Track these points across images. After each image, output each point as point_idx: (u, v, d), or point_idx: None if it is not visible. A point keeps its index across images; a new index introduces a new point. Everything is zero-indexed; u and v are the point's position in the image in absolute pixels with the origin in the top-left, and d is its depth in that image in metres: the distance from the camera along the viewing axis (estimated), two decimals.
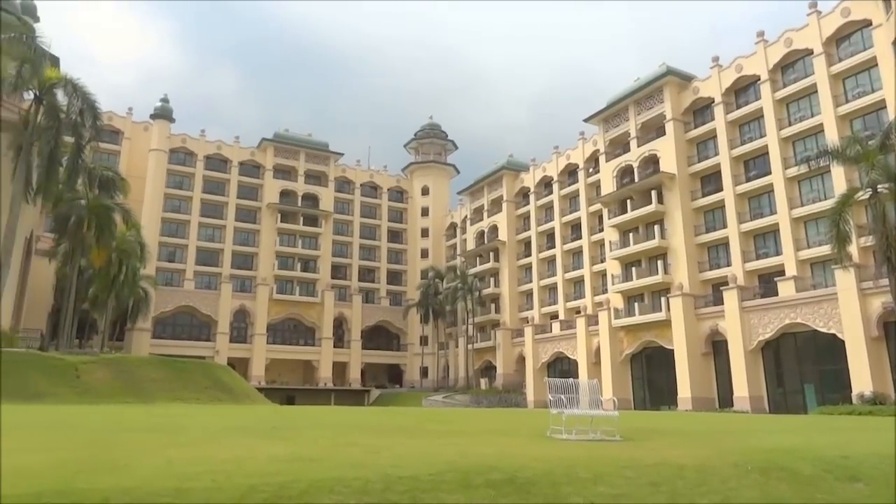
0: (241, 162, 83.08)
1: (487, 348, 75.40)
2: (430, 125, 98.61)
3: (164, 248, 74.66)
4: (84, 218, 37.17)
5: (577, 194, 69.07)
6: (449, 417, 19.58)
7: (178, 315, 74.25)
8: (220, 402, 24.85)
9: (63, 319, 38.75)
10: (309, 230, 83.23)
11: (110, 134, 70.58)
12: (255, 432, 11.74)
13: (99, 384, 22.29)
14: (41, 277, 45.25)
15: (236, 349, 74.89)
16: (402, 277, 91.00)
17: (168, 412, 17.54)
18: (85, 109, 31.66)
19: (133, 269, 46.94)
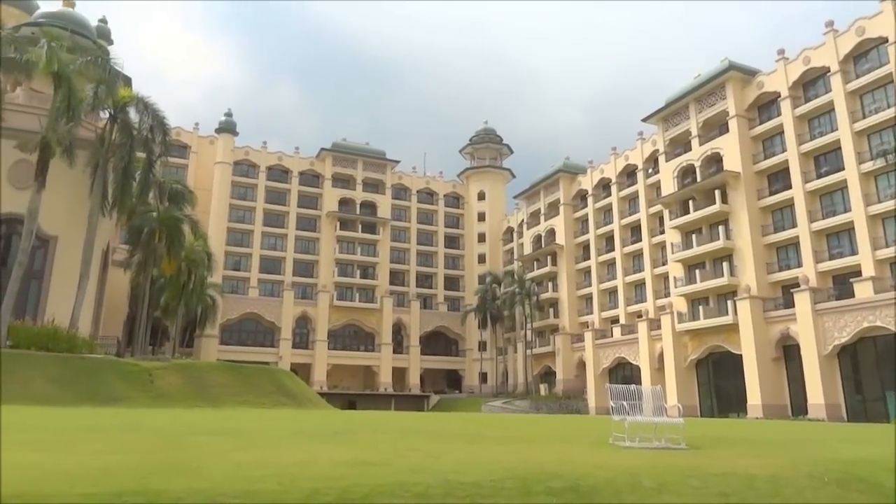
0: (301, 172, 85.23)
1: (546, 353, 74.57)
2: (485, 130, 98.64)
3: (229, 257, 77.28)
4: (155, 229, 38.93)
5: (636, 196, 67.62)
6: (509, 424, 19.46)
7: (244, 322, 76.64)
8: (284, 406, 25.48)
9: (137, 327, 40.69)
10: (367, 237, 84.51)
11: (179, 148, 73.71)
12: (317, 437, 11.98)
13: (171, 389, 23.25)
14: (117, 287, 47.60)
15: (299, 355, 76.68)
16: (459, 283, 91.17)
17: (235, 416, 18.11)
18: (155, 126, 33.21)
19: (201, 278, 48.77)
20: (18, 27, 35.43)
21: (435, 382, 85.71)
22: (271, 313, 77.12)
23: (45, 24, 38.06)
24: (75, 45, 32.71)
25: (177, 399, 22.67)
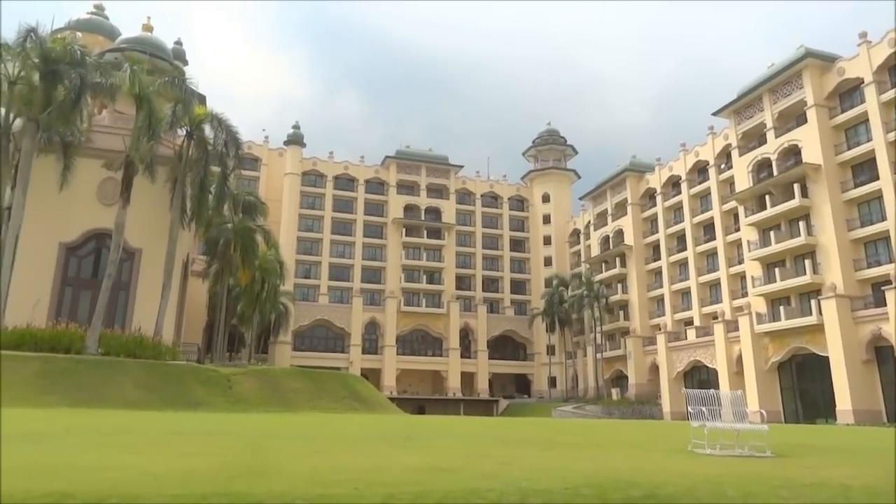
0: (366, 180, 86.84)
1: (617, 357, 72.90)
2: (549, 131, 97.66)
3: (300, 265, 79.50)
4: (231, 240, 40.52)
5: (708, 193, 65.26)
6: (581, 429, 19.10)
7: (315, 328, 78.61)
8: (356, 411, 25.92)
9: (216, 334, 42.43)
10: (433, 243, 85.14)
11: (250, 161, 76.59)
12: (390, 441, 12.10)
13: (248, 394, 24.08)
14: (196, 296, 49.79)
15: (368, 360, 77.97)
16: (525, 286, 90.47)
17: (309, 421, 18.55)
18: (228, 141, 34.60)
19: (274, 286, 50.36)
20: (103, 53, 37.69)
21: (503, 387, 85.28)
22: (341, 319, 78.79)
23: (127, 49, 40.40)
24: (154, 68, 34.59)
25: (254, 404, 23.44)
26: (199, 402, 22.21)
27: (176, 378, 23.69)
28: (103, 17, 61.70)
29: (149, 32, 44.89)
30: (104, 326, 28.16)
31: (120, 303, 32.93)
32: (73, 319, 29.64)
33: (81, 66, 29.04)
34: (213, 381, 24.32)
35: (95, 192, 33.56)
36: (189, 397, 22.33)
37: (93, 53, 32.64)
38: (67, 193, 31.24)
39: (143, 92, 30.00)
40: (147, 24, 45.47)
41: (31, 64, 28.37)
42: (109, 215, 31.11)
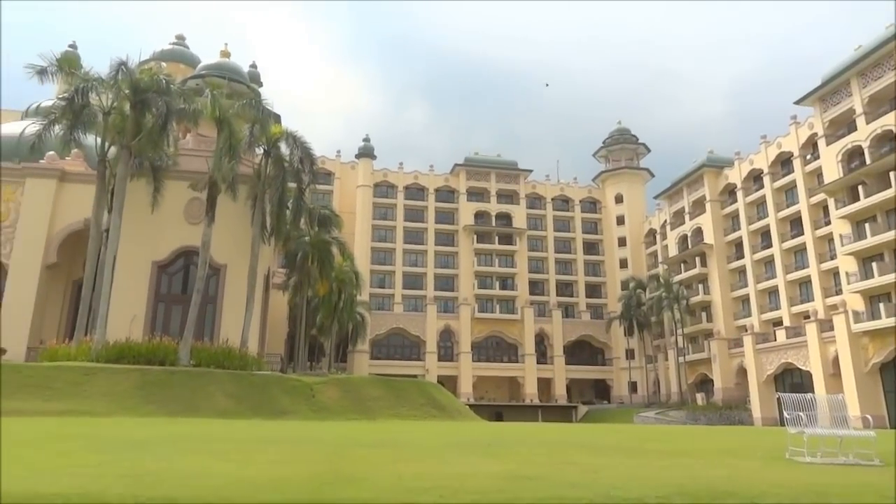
0: (436, 189, 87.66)
1: (701, 360, 70.11)
2: (619, 130, 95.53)
3: (374, 275, 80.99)
4: (308, 253, 41.80)
5: (793, 185, 61.96)
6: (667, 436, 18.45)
7: (391, 336, 79.80)
8: (435, 418, 26.07)
9: (297, 344, 43.81)
10: (504, 248, 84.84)
11: (324, 176, 78.78)
12: (471, 449, 12.08)
13: (331, 402, 24.68)
14: (277, 308, 51.56)
15: (444, 367, 78.36)
16: (601, 290, 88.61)
17: (390, 428, 18.79)
18: (303, 157, 35.74)
19: (350, 297, 51.53)
20: (185, 81, 39.85)
21: (582, 393, 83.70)
22: (416, 327, 79.63)
23: (207, 75, 42.51)
24: (232, 91, 36.27)
25: (336, 412, 23.99)
26: (285, 410, 22.94)
27: (262, 387, 24.58)
28: (184, 46, 65.27)
29: (226, 58, 47.04)
30: (194, 339, 29.60)
31: (208, 316, 34.51)
32: (166, 333, 31.35)
33: (167, 94, 30.84)
34: (297, 390, 25.07)
35: (183, 211, 35.38)
36: (275, 406, 23.11)
37: (176, 81, 34.57)
38: (158, 214, 33.13)
39: (223, 115, 31.49)
40: (224, 51, 47.69)
41: (123, 95, 30.35)
42: (196, 233, 32.75)
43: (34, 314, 34.80)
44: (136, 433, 13.66)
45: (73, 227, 36.21)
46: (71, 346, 28.07)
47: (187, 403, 21.57)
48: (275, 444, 12.33)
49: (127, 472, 7.67)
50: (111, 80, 30.29)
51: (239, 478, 7.38)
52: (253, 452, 10.61)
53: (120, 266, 30.55)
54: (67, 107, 30.39)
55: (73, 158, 37.76)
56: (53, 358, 26.85)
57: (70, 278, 38.08)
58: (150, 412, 20.09)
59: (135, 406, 20.51)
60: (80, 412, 19.23)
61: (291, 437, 13.77)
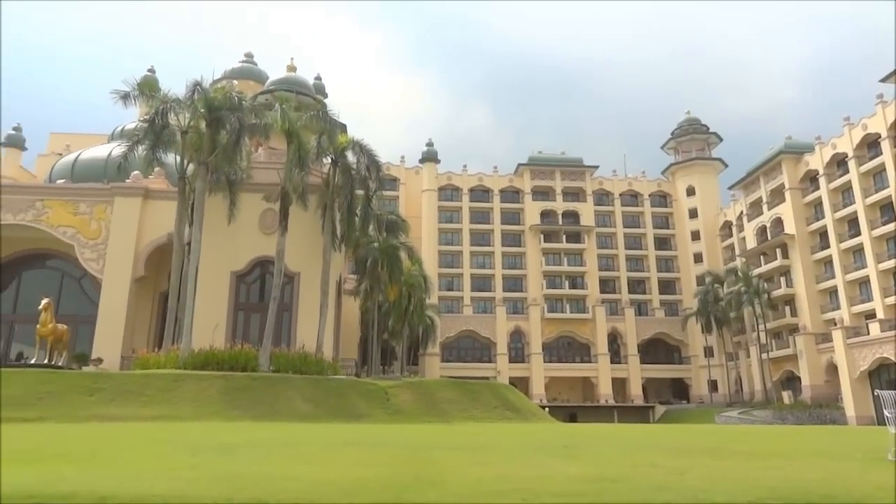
0: (501, 190, 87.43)
1: (786, 357, 66.78)
2: (688, 121, 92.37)
3: (442, 278, 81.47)
4: (377, 258, 42.51)
5: (882, 169, 58.20)
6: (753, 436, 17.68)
7: (461, 339, 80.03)
8: (509, 420, 25.95)
9: (370, 348, 44.60)
10: (572, 247, 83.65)
11: (389, 182, 79.98)
12: (549, 451, 11.95)
13: (405, 405, 24.99)
14: (349, 313, 52.66)
15: (516, 368, 77.89)
16: (675, 286, 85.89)
17: (465, 431, 18.84)
18: (370, 165, 36.38)
19: (420, 300, 52.02)
20: (255, 96, 41.34)
21: (659, 392, 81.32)
22: (486, 329, 79.56)
23: (275, 89, 43.92)
24: (300, 104, 37.32)
25: (411, 415, 24.25)
26: (361, 413, 23.39)
27: (338, 392, 25.16)
28: (252, 63, 67.74)
29: (293, 72, 48.44)
30: (272, 345, 30.63)
31: (284, 323, 35.61)
32: (246, 340, 32.60)
33: (239, 110, 32.12)
34: (372, 394, 25.52)
35: (258, 222, 36.70)
36: (351, 409, 23.60)
37: (247, 98, 35.89)
38: (235, 226, 34.49)
39: (292, 127, 32.50)
40: (291, 65, 49.12)
41: (199, 114, 31.83)
42: (271, 243, 33.90)
43: (126, 325, 36.91)
44: (223, 437, 14.25)
45: (157, 242, 38.21)
46: (160, 354, 29.61)
47: (269, 408, 22.32)
48: (354, 447, 12.59)
49: (219, 474, 8.01)
50: (188, 101, 31.83)
51: (323, 480, 7.57)
52: (334, 455, 10.87)
53: (202, 277, 31.99)
54: (149, 128, 32.15)
55: (155, 177, 39.86)
56: (145, 366, 28.40)
57: (157, 290, 40.19)
58: (235, 417, 20.92)
59: (221, 411, 21.41)
60: (171, 417, 20.25)
61: (369, 441, 14.02)
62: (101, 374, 25.93)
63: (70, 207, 38.49)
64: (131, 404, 21.24)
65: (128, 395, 21.88)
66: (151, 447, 11.97)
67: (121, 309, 36.82)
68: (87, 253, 37.79)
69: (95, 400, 21.34)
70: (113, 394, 21.89)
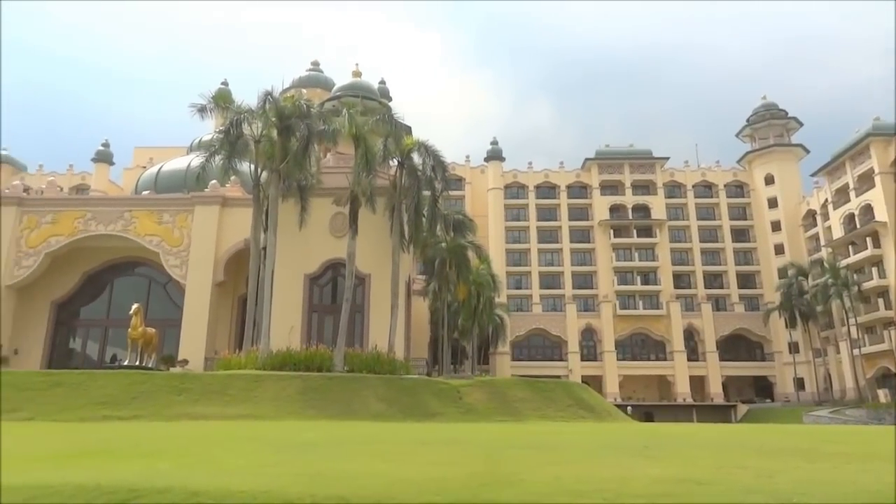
0: (567, 185, 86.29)
1: (881, 353, 62.72)
2: (765, 106, 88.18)
3: (511, 277, 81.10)
4: (445, 258, 42.73)
5: None
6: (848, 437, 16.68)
7: (531, 337, 79.39)
8: (583, 419, 25.52)
9: (440, 348, 44.90)
10: (644, 242, 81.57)
11: (455, 182, 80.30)
12: (628, 451, 11.66)
13: (477, 404, 24.99)
14: (419, 313, 53.18)
15: (588, 367, 76.57)
16: (754, 279, 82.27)
17: (540, 430, 18.64)
18: (435, 166, 36.60)
19: (488, 299, 51.94)
20: (323, 103, 42.35)
21: (740, 391, 78.04)
22: (556, 327, 78.62)
23: (342, 95, 44.90)
24: (366, 109, 37.93)
25: (483, 414, 24.23)
26: (434, 412, 23.56)
27: (411, 391, 25.43)
28: (319, 71, 69.62)
29: (358, 78, 49.37)
30: (346, 346, 31.31)
31: (356, 324, 36.35)
32: (321, 341, 33.47)
33: (308, 117, 33.03)
34: (444, 393, 25.66)
35: (328, 226, 37.60)
36: (424, 408, 23.81)
37: (315, 105, 36.85)
38: (306, 230, 35.48)
39: (359, 132, 33.11)
40: (356, 71, 50.09)
41: (270, 122, 32.92)
42: (341, 246, 34.67)
43: (208, 328, 38.61)
44: (302, 435, 14.67)
45: (235, 248, 39.77)
46: (240, 355, 30.81)
47: (344, 407, 22.82)
48: (429, 445, 12.68)
49: (301, 471, 8.24)
50: (259, 111, 32.98)
51: (401, 478, 7.65)
52: (410, 454, 10.98)
53: (277, 280, 33.05)
54: (224, 138, 33.53)
55: (231, 185, 41.51)
56: (227, 367, 29.61)
57: (236, 294, 41.84)
58: (312, 416, 21.50)
59: (298, 410, 22.06)
60: (253, 416, 21.03)
61: (444, 439, 14.09)
62: (187, 375, 27.22)
63: (155, 217, 40.60)
64: (215, 403, 22.19)
65: (212, 395, 22.88)
66: (236, 445, 12.45)
67: (203, 312, 38.54)
68: (172, 260, 39.75)
69: (183, 399, 22.43)
70: (198, 393, 22.94)
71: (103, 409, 21.06)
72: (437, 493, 6.77)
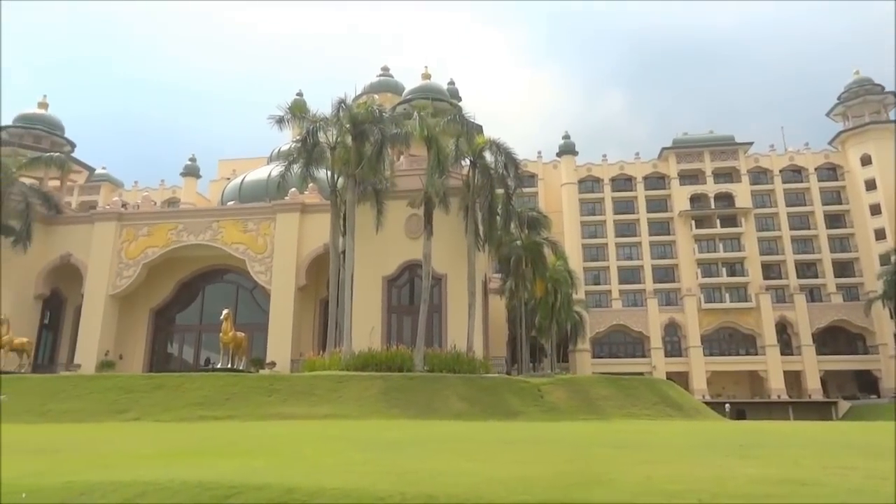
0: (644, 176, 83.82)
1: None
2: (858, 82, 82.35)
3: (588, 272, 79.54)
4: (521, 256, 42.46)
5: None
6: None
7: (612, 334, 77.57)
8: (670, 418, 24.72)
9: (519, 346, 44.64)
10: (728, 231, 78.13)
11: (528, 178, 79.48)
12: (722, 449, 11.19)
13: (559, 402, 24.67)
14: (496, 312, 53.08)
15: (673, 363, 74.01)
16: (853, 267, 77.09)
17: (625, 428, 18.20)
18: (508, 163, 36.42)
19: (566, 296, 51.15)
20: (394, 107, 43.02)
21: (841, 386, 73.28)
22: (637, 323, 76.50)
23: (412, 98, 45.43)
24: (436, 110, 38.22)
25: (565, 412, 23.90)
26: (515, 411, 23.44)
27: (492, 390, 25.41)
28: (389, 76, 70.75)
29: (427, 80, 49.75)
30: (425, 346, 31.65)
31: (434, 323, 36.66)
32: (400, 341, 34.01)
33: (380, 122, 33.66)
34: (525, 392, 25.49)
35: (403, 228, 38.15)
36: (505, 407, 23.73)
37: (387, 109, 37.47)
38: (383, 233, 36.14)
39: (430, 134, 33.41)
40: (425, 73, 50.50)
41: (345, 129, 33.76)
42: (417, 247, 35.08)
43: (293, 330, 40.00)
44: (387, 434, 14.93)
45: (315, 252, 40.99)
46: (324, 357, 31.74)
47: (425, 406, 23.07)
48: (513, 444, 12.62)
49: (388, 469, 8.38)
50: (334, 118, 33.90)
51: (488, 477, 7.64)
52: (495, 452, 10.96)
53: (356, 283, 33.83)
54: (301, 147, 34.69)
55: (309, 192, 42.83)
56: (312, 368, 30.58)
57: (317, 297, 43.13)
58: (395, 415, 21.87)
59: (382, 409, 22.50)
60: (338, 415, 21.61)
61: (528, 438, 13.99)
62: (275, 377, 28.31)
63: (240, 226, 42.47)
64: (302, 403, 22.96)
65: (299, 395, 23.69)
66: (325, 443, 12.82)
67: (288, 316, 39.95)
68: (257, 266, 41.45)
69: (273, 400, 23.35)
70: (286, 394, 23.81)
71: (200, 410, 22.22)
72: (526, 493, 6.72)
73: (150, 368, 42.22)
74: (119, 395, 23.75)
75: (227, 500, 6.44)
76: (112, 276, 42.15)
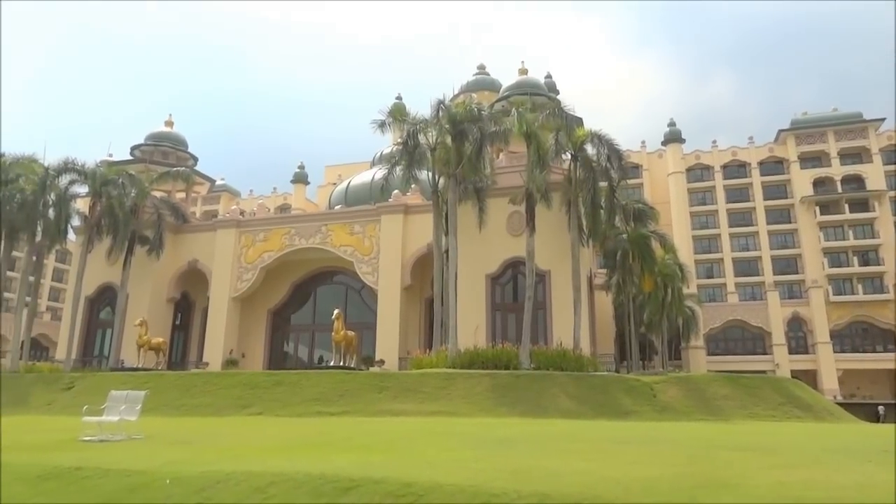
0: (759, 162, 78.75)
1: None
2: None
3: (700, 265, 75.80)
4: (627, 250, 41.04)
5: None
6: None
7: (728, 330, 73.34)
8: (799, 419, 23.00)
9: (628, 343, 43.25)
10: (859, 217, 71.72)
11: (631, 169, 76.54)
12: (861, 455, 10.28)
13: (673, 402, 23.61)
14: (602, 308, 51.74)
15: (798, 361, 68.85)
16: None
17: (749, 430, 17.17)
18: (610, 155, 35.37)
19: (677, 290, 48.89)
20: (492, 105, 42.99)
21: None
22: (756, 318, 71.81)
23: (510, 95, 45.25)
24: (534, 105, 37.76)
25: (680, 412, 22.86)
26: (627, 410, 22.71)
27: (601, 388, 24.76)
28: (485, 74, 70.73)
29: (524, 75, 49.32)
30: (531, 343, 31.36)
31: (539, 321, 36.27)
32: (505, 339, 33.92)
33: (479, 120, 33.70)
34: (637, 390, 24.62)
35: (505, 225, 38.05)
36: (617, 406, 23.05)
37: (484, 107, 37.47)
38: (485, 231, 36.24)
39: (529, 129, 33.04)
40: (522, 69, 50.10)
41: (444, 130, 34.12)
42: (520, 244, 34.86)
43: (400, 329, 40.98)
44: (496, 432, 14.93)
45: (419, 252, 41.76)
46: (431, 355, 32.24)
47: (533, 404, 22.85)
48: (628, 444, 12.23)
49: (501, 467, 8.36)
50: (433, 119, 34.35)
51: (604, 477, 7.44)
52: (609, 452, 10.66)
53: (460, 281, 34.09)
54: (403, 150, 35.43)
55: (412, 193, 43.69)
56: (419, 366, 31.15)
57: (422, 296, 43.94)
58: (503, 413, 21.83)
59: (490, 407, 22.53)
60: (447, 413, 21.87)
61: (642, 438, 13.51)
62: (385, 374, 29.10)
63: (347, 229, 44.06)
64: (412, 401, 23.44)
65: (408, 393, 24.20)
66: (437, 440, 13.02)
67: (395, 315, 40.97)
68: (364, 267, 42.83)
69: (383, 397, 24.01)
70: (396, 391, 24.40)
71: (316, 406, 23.25)
72: (645, 494, 6.49)
73: (269, 366, 44.75)
74: (243, 391, 25.33)
75: (348, 492, 6.68)
76: (233, 279, 45.08)
